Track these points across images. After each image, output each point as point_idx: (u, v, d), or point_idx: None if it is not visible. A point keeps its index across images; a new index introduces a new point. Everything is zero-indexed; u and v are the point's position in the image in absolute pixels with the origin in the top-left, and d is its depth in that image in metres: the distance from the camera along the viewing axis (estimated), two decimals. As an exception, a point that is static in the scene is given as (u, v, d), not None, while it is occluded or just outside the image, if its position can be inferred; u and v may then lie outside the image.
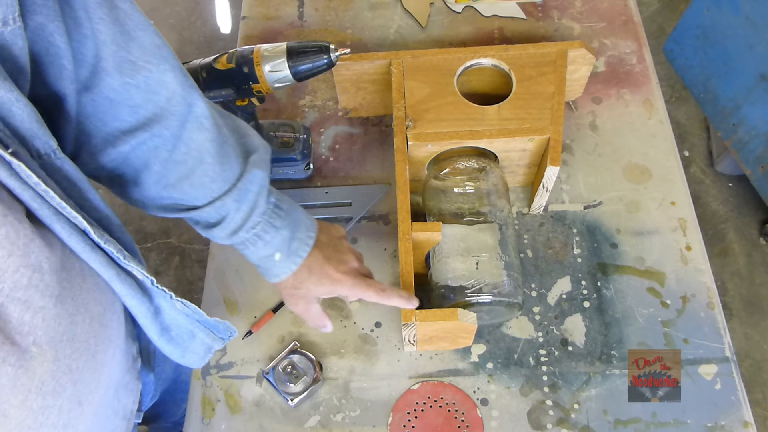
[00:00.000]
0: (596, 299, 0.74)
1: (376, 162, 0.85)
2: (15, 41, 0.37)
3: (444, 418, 0.68)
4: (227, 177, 0.54)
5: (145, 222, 1.73)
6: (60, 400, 0.41)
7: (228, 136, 0.54)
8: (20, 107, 0.37)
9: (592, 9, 0.96)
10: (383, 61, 0.78)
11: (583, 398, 0.69)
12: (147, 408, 0.72)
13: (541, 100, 0.74)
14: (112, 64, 0.44)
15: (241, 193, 0.54)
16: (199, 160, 0.51)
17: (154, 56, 0.46)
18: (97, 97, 0.46)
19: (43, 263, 0.38)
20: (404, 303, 0.63)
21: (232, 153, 0.54)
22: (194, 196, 0.53)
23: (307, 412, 0.69)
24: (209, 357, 0.61)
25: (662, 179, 0.82)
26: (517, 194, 0.82)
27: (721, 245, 1.64)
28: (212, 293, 0.77)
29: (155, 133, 0.48)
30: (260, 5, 1.00)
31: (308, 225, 0.60)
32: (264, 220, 0.57)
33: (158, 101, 0.48)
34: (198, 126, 0.51)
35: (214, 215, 0.55)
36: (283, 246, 0.58)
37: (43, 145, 0.40)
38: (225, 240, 0.57)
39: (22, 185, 0.37)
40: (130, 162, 0.50)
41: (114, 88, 0.45)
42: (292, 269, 0.59)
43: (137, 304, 0.48)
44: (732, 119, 1.42)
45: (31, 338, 0.37)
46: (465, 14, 0.97)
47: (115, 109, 0.47)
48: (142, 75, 0.46)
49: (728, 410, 0.68)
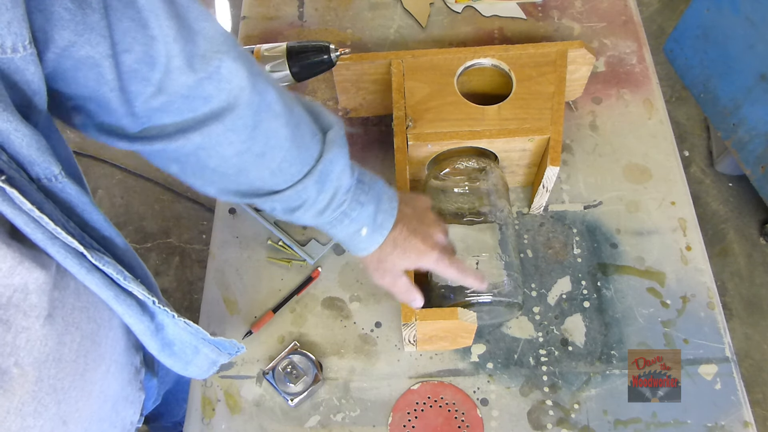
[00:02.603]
0: (596, 299, 0.74)
1: (376, 162, 0.85)
2: (27, 67, 0.36)
3: (444, 418, 0.68)
4: (305, 159, 0.52)
5: (145, 222, 1.73)
6: (41, 421, 0.40)
7: (302, 116, 0.53)
8: (19, 136, 0.36)
9: (592, 9, 0.96)
10: (383, 61, 0.78)
11: (583, 398, 0.69)
12: (150, 411, 0.72)
13: (541, 100, 0.74)
14: (183, 61, 0.43)
15: (322, 175, 0.53)
16: (278, 147, 0.50)
17: (223, 45, 0.45)
18: (171, 97, 0.44)
19: (30, 284, 0.37)
20: (477, 284, 0.62)
21: (308, 134, 0.53)
22: (275, 182, 0.52)
23: (307, 412, 0.69)
24: (214, 370, 0.60)
25: (662, 179, 0.82)
26: (517, 194, 0.82)
27: (721, 245, 1.64)
28: (212, 293, 0.77)
29: (228, 125, 0.47)
30: (260, 5, 1.00)
31: (390, 195, 0.59)
32: (350, 197, 0.55)
33: (231, 90, 0.46)
34: (272, 114, 0.49)
35: (295, 198, 0.53)
36: (369, 220, 0.57)
37: (44, 171, 0.39)
38: (310, 221, 0.56)
39: (15, 210, 0.36)
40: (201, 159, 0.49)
41: (189, 85, 0.44)
42: (378, 242, 0.58)
43: (136, 322, 0.47)
44: (732, 119, 1.42)
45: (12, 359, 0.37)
46: (465, 14, 0.97)
47: (189, 103, 0.45)
48: (213, 66, 0.44)
49: (728, 410, 0.68)
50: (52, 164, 0.39)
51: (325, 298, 0.76)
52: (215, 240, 0.81)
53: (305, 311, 0.75)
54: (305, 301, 0.76)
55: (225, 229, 0.81)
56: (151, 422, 0.99)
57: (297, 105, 0.53)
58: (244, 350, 0.60)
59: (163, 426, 1.01)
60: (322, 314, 0.75)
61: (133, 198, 1.78)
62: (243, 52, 0.47)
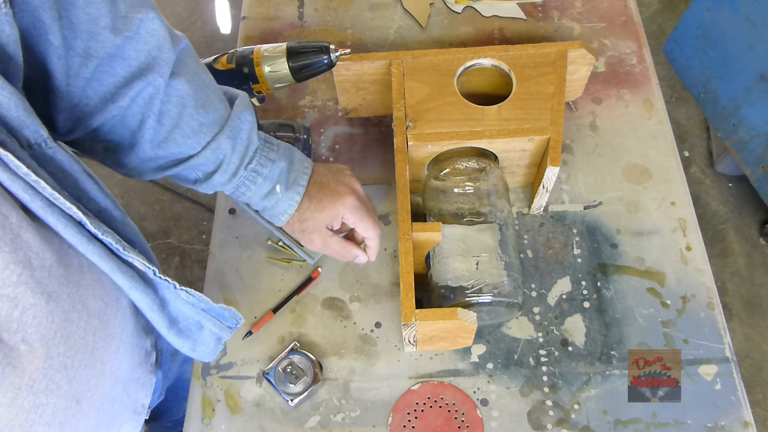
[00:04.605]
0: (596, 299, 0.74)
1: (376, 162, 0.85)
2: (2, 28, 0.36)
3: (444, 418, 0.68)
4: (214, 119, 0.54)
5: (145, 222, 1.73)
6: (54, 398, 0.40)
7: (208, 82, 0.55)
8: (5, 95, 0.36)
9: (592, 9, 0.96)
10: (383, 61, 0.78)
11: (583, 398, 0.69)
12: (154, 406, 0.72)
13: (541, 101, 0.74)
14: (110, 21, 0.44)
15: (233, 131, 0.55)
16: (182, 105, 0.52)
17: (142, 6, 0.47)
18: (100, 61, 0.45)
19: (34, 260, 0.37)
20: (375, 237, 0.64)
21: (213, 96, 0.55)
22: (189, 144, 0.54)
23: (307, 413, 0.69)
24: (220, 348, 0.60)
25: (662, 179, 0.82)
26: (517, 194, 0.82)
27: (721, 245, 1.64)
28: (212, 293, 0.77)
29: (149, 81, 0.48)
30: (260, 5, 1.00)
31: (302, 157, 0.61)
32: (259, 154, 0.58)
33: (149, 50, 0.48)
34: (173, 72, 0.50)
35: (212, 159, 0.55)
36: (282, 177, 0.59)
37: (33, 134, 0.39)
38: (227, 186, 0.58)
39: (11, 176, 0.36)
40: (127, 123, 0.50)
41: (117, 44, 0.45)
42: (296, 200, 0.60)
43: (142, 296, 0.48)
44: (732, 119, 1.42)
45: (20, 336, 0.37)
46: (465, 14, 0.97)
47: (111, 66, 0.46)
48: (134, 26, 0.46)
49: (728, 410, 0.68)
50: (39, 127, 0.40)
51: (325, 298, 0.76)
52: (215, 240, 0.81)
53: (305, 311, 0.75)
54: (305, 301, 0.76)
55: (225, 230, 0.81)
56: (151, 422, 0.99)
57: (201, 71, 0.55)
58: (242, 321, 0.61)
59: (163, 425, 1.01)
60: (322, 314, 0.75)
61: (133, 198, 1.78)
62: (159, 14, 0.49)
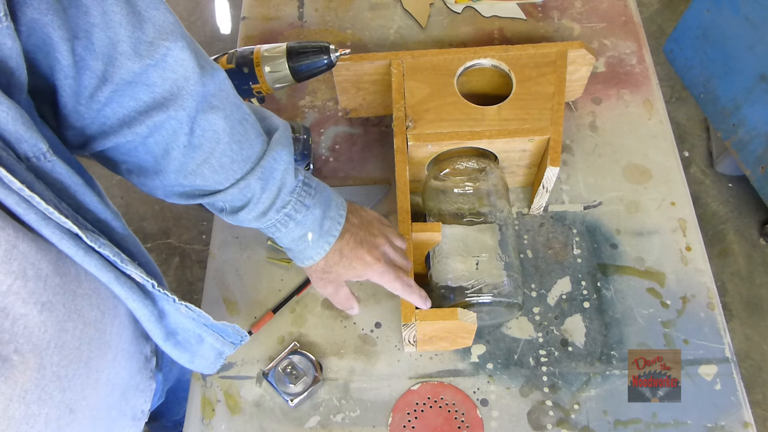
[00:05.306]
0: (596, 299, 0.74)
1: (376, 162, 0.85)
2: (3, 41, 0.36)
3: (444, 418, 0.68)
4: (248, 156, 0.52)
5: (145, 222, 1.73)
6: (46, 408, 0.40)
7: (245, 114, 0.52)
8: (3, 109, 0.36)
9: (592, 9, 0.96)
10: (383, 61, 0.78)
11: (583, 398, 0.69)
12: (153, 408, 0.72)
13: (541, 101, 0.74)
14: (130, 47, 0.43)
15: (266, 172, 0.52)
16: (216, 141, 0.50)
17: (171, 34, 0.45)
18: (117, 86, 0.44)
19: (29, 270, 0.37)
20: (421, 303, 0.63)
21: (251, 131, 0.52)
22: (216, 180, 0.52)
23: (307, 413, 0.69)
24: (221, 362, 0.59)
25: (662, 179, 0.82)
26: (517, 194, 0.82)
27: (721, 246, 1.64)
28: (212, 293, 0.77)
29: (171, 114, 0.46)
30: (260, 6, 1.00)
31: (339, 203, 0.59)
32: (294, 198, 0.55)
33: (176, 79, 0.46)
34: (209, 106, 0.49)
35: (239, 197, 0.53)
36: (315, 225, 0.56)
37: (31, 148, 0.39)
38: (254, 223, 0.55)
39: (6, 190, 0.36)
40: (150, 149, 0.49)
41: (135, 71, 0.44)
42: (325, 250, 0.57)
43: (139, 307, 0.47)
44: (732, 119, 1.42)
45: (12, 346, 0.37)
46: (465, 15, 0.97)
47: (132, 91, 0.45)
48: (159, 53, 0.44)
49: (728, 411, 0.68)
50: (39, 141, 0.39)
51: (325, 298, 0.76)
52: (215, 240, 0.81)
53: (305, 312, 0.75)
54: (305, 301, 0.76)
55: (225, 230, 0.81)
56: (151, 422, 0.99)
57: (241, 103, 0.53)
58: (248, 339, 0.59)
59: (163, 426, 1.01)
60: (322, 315, 0.75)
61: (133, 198, 1.78)
62: (192, 42, 0.47)
